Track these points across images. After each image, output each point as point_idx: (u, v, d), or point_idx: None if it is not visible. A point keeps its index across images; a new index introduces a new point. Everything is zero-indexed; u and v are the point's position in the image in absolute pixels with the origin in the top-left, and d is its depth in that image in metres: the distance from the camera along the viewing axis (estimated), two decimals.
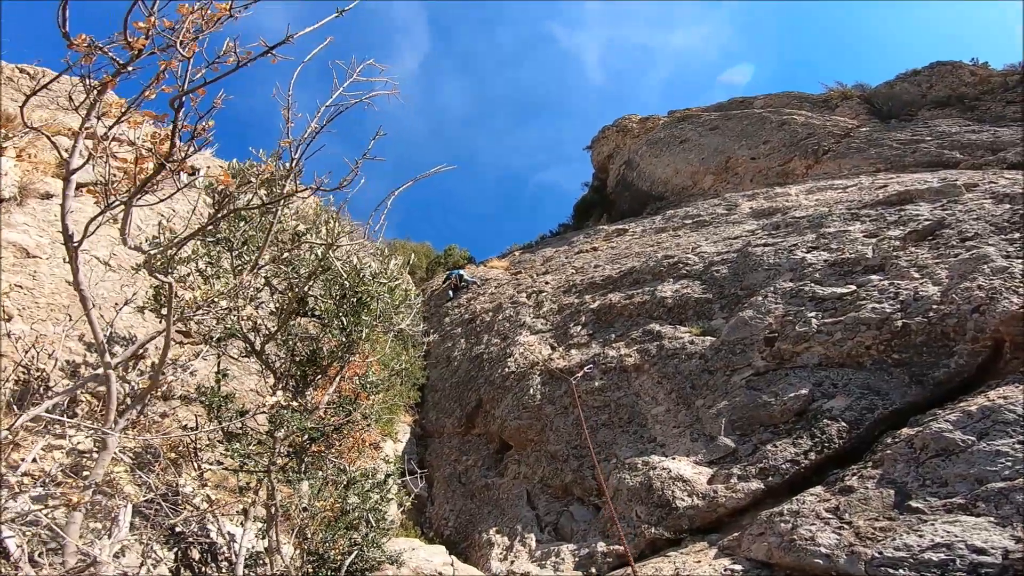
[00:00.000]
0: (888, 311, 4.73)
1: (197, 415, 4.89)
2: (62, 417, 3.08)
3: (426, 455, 8.64)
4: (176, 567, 3.58)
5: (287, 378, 4.59)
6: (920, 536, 2.85)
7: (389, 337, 6.68)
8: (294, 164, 2.86)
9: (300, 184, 3.13)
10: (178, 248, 2.94)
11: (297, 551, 3.80)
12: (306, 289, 4.51)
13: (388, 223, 4.48)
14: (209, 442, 4.49)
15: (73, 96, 2.32)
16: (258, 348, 4.49)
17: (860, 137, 11.81)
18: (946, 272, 4.87)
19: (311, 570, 3.79)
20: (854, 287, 5.33)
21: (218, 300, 3.22)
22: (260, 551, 3.82)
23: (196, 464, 4.21)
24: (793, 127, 13.48)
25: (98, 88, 2.25)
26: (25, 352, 4.08)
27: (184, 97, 2.30)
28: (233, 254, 4.24)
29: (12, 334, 4.21)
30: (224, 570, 3.75)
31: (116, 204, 2.45)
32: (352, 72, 2.86)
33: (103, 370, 2.66)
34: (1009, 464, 2.97)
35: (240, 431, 4.11)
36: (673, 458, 4.87)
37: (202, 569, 3.70)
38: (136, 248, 2.66)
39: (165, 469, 4.04)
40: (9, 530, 2.55)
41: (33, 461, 3.40)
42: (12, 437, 2.44)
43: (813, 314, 5.24)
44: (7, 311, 4.37)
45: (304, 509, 3.84)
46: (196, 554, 3.74)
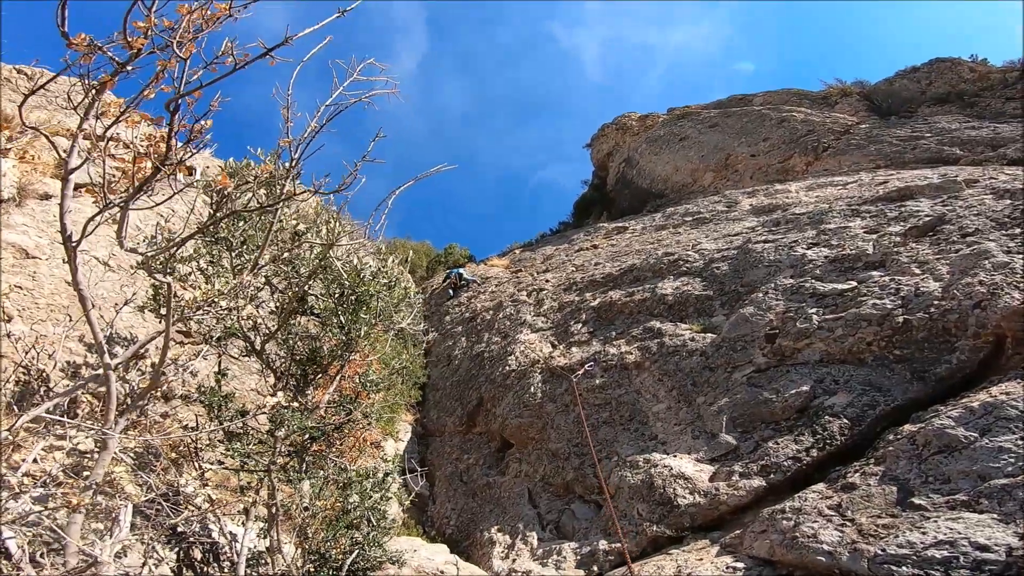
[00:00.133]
0: (889, 307, 4.72)
1: (198, 415, 4.89)
2: (63, 418, 3.07)
3: (427, 454, 8.64)
4: (178, 567, 3.58)
5: (287, 377, 4.59)
6: (923, 533, 2.84)
7: (389, 336, 6.68)
8: (293, 164, 2.85)
9: (300, 185, 3.12)
10: (175, 249, 2.93)
11: (298, 550, 3.80)
12: (306, 288, 4.50)
13: (388, 222, 4.49)
14: (210, 442, 4.49)
15: (72, 96, 2.30)
16: (258, 347, 4.49)
17: (860, 134, 11.79)
18: (947, 268, 4.86)
19: (312, 569, 3.79)
20: (855, 283, 5.32)
21: (218, 300, 3.21)
22: (262, 551, 3.82)
23: (197, 464, 4.20)
24: (793, 124, 13.46)
25: (97, 88, 2.24)
26: (25, 353, 4.07)
27: (180, 99, 2.29)
28: (233, 253, 4.24)
29: (12, 335, 4.20)
30: (226, 570, 3.75)
31: (113, 205, 2.44)
32: (352, 71, 2.84)
33: (103, 370, 2.65)
34: (1012, 460, 2.96)
35: (241, 430, 4.11)
36: (674, 456, 4.86)
37: (204, 569, 3.70)
38: (132, 250, 2.65)
39: (166, 469, 4.04)
40: (10, 531, 2.55)
41: (34, 462, 3.39)
42: (13, 438, 2.44)
43: (814, 310, 5.24)
44: (7, 312, 4.37)
45: (305, 508, 3.83)
46: (198, 554, 3.74)
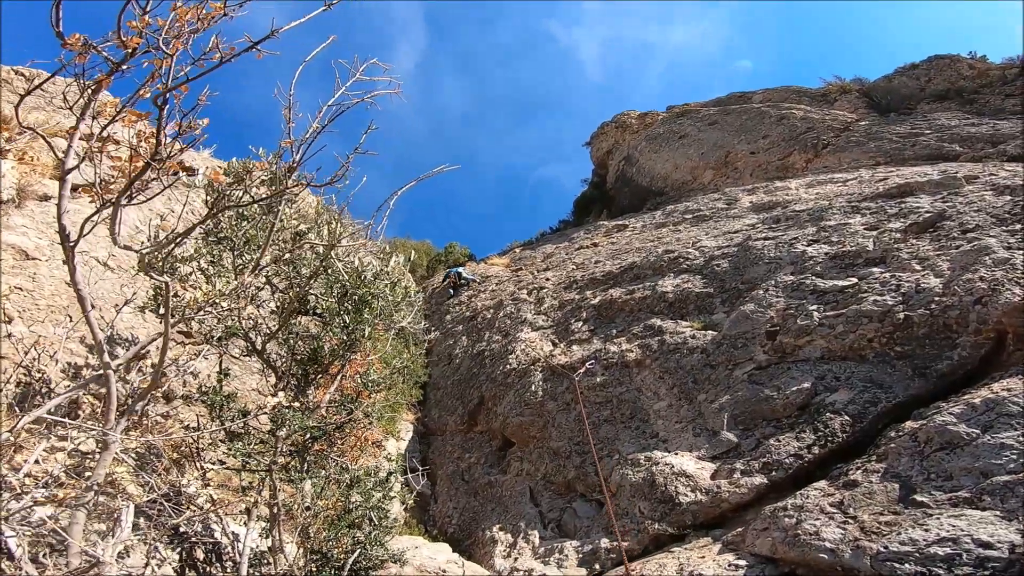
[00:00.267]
0: (890, 303, 4.71)
1: (199, 415, 4.88)
2: (64, 418, 3.07)
3: (429, 453, 8.64)
4: (181, 567, 3.58)
5: (289, 377, 4.58)
6: (926, 530, 2.84)
7: (390, 335, 6.67)
8: (295, 164, 2.84)
9: (295, 181, 3.11)
10: (171, 247, 2.92)
11: (300, 550, 3.80)
12: (307, 288, 4.49)
13: (390, 222, 4.49)
14: (211, 442, 4.48)
15: (68, 96, 2.30)
16: (259, 347, 4.48)
17: (859, 131, 11.78)
18: (948, 264, 4.86)
19: (314, 569, 3.79)
20: (855, 280, 5.31)
21: (219, 300, 3.20)
22: (264, 550, 3.82)
23: (199, 464, 4.20)
24: (792, 121, 13.44)
25: (92, 87, 2.23)
26: (26, 354, 4.07)
27: (168, 95, 2.27)
28: (234, 254, 4.23)
29: (12, 336, 4.20)
30: (228, 569, 3.75)
31: (109, 204, 2.44)
32: (355, 71, 2.83)
33: (103, 371, 2.65)
34: (1014, 457, 2.96)
35: (242, 430, 4.10)
36: (676, 453, 4.86)
37: (206, 569, 3.70)
38: (127, 247, 2.64)
39: (168, 469, 4.03)
40: (12, 531, 2.54)
41: (35, 462, 3.38)
42: (14, 439, 2.43)
43: (815, 307, 5.23)
44: (7, 313, 4.36)
45: (307, 508, 3.83)
46: (200, 554, 3.74)
